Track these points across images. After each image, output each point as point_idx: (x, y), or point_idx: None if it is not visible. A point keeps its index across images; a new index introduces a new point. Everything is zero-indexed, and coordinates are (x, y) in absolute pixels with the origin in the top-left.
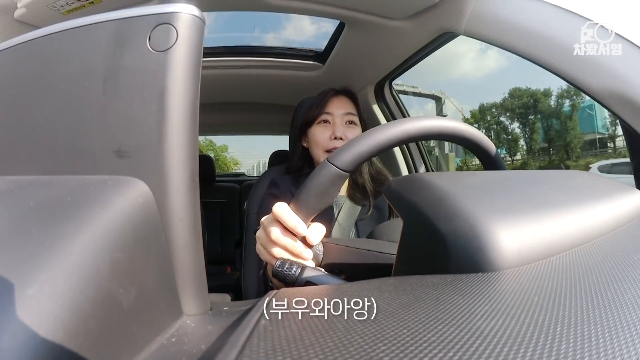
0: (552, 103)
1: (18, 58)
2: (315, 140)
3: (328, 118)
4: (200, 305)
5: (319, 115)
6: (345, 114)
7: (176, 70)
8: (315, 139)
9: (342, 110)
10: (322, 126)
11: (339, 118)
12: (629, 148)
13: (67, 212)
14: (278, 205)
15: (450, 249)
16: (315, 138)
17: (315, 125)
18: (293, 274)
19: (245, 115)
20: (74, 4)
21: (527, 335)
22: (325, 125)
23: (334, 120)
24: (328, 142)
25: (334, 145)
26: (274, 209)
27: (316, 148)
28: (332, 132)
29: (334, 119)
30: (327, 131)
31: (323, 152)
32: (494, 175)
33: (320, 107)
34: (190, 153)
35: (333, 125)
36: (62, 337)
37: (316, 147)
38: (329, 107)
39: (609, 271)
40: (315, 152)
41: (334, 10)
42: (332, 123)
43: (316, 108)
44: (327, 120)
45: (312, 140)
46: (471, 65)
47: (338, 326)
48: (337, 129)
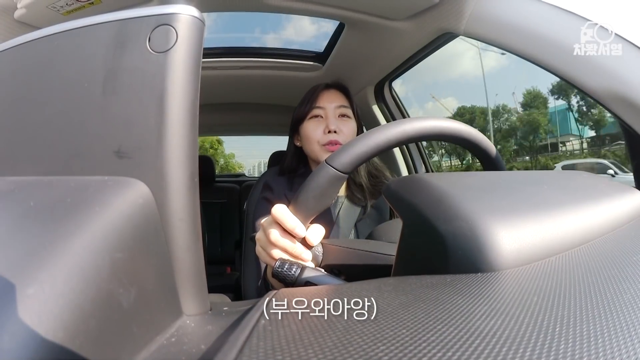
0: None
1: (18, 59)
2: (308, 136)
3: (320, 113)
4: (200, 306)
5: (310, 110)
6: (338, 107)
7: (176, 71)
8: (308, 134)
9: (334, 104)
10: (314, 121)
11: (332, 111)
12: (628, 148)
13: (67, 213)
14: (277, 207)
15: (449, 249)
16: (308, 134)
17: (307, 120)
18: (293, 274)
19: (245, 115)
20: (74, 5)
21: (526, 335)
22: (317, 120)
23: (326, 114)
24: (322, 136)
25: (329, 139)
26: (273, 210)
27: (310, 144)
28: (325, 126)
29: (326, 113)
30: (320, 126)
31: (319, 146)
32: (493, 175)
33: (311, 102)
34: (190, 153)
35: (326, 119)
36: (62, 337)
37: (310, 143)
38: (320, 101)
39: (608, 271)
40: (310, 149)
41: (334, 10)
42: (325, 117)
43: (307, 103)
44: (319, 115)
45: (304, 136)
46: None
47: (337, 326)
48: (330, 122)
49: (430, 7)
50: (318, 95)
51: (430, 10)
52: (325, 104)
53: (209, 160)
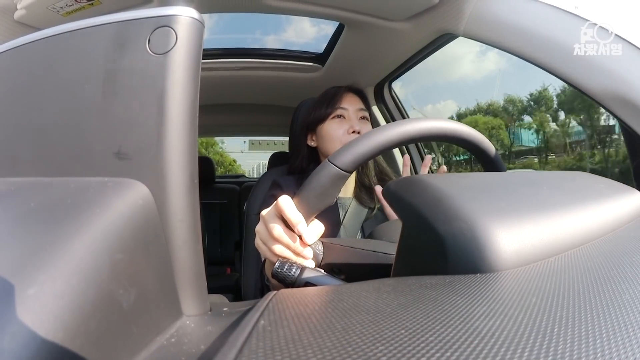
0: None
1: (18, 60)
2: (330, 135)
3: (343, 113)
4: (199, 306)
5: (334, 110)
6: (359, 109)
7: (175, 72)
8: (331, 134)
9: (356, 106)
10: (337, 121)
11: (354, 113)
12: (628, 149)
13: (67, 214)
14: (283, 198)
15: (448, 250)
16: (330, 134)
17: (329, 120)
18: (292, 275)
19: (245, 116)
20: (74, 6)
21: (524, 336)
22: (340, 120)
23: (349, 115)
24: (345, 136)
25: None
26: (278, 200)
27: (331, 142)
28: (349, 126)
29: (349, 114)
30: (343, 125)
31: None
32: (492, 176)
33: (333, 103)
34: (190, 155)
35: (349, 120)
36: (62, 337)
37: (331, 142)
38: (343, 103)
39: (608, 272)
40: (331, 147)
41: (334, 11)
42: (348, 118)
43: (329, 104)
44: (341, 115)
45: (326, 136)
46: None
47: (337, 326)
48: (354, 123)
49: (430, 8)
50: (342, 97)
51: (429, 11)
52: (348, 105)
53: (208, 161)
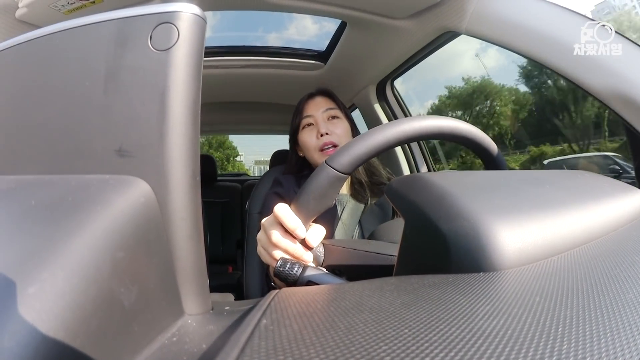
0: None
1: (19, 57)
2: (305, 145)
3: (310, 120)
4: (201, 305)
5: (301, 120)
6: (325, 110)
7: (177, 69)
8: (305, 144)
9: (320, 109)
10: (307, 130)
11: (320, 116)
12: (630, 148)
13: (68, 212)
14: (279, 207)
15: (451, 248)
16: (305, 144)
17: (302, 131)
18: (294, 274)
19: (247, 114)
20: (75, 4)
21: (528, 335)
22: (310, 128)
23: (316, 120)
24: (316, 141)
25: (323, 141)
26: (275, 209)
27: (308, 151)
28: (317, 131)
29: (316, 119)
30: (313, 132)
31: (317, 152)
32: (495, 174)
33: (299, 113)
34: (192, 152)
35: (317, 124)
36: (63, 336)
37: (308, 151)
38: (308, 110)
39: (611, 271)
40: (310, 155)
41: (336, 9)
42: (316, 123)
43: (296, 115)
44: (309, 123)
45: (303, 146)
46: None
47: (339, 325)
48: (320, 126)
49: (432, 6)
50: (304, 106)
51: (432, 9)
52: (312, 111)
53: (210, 159)
